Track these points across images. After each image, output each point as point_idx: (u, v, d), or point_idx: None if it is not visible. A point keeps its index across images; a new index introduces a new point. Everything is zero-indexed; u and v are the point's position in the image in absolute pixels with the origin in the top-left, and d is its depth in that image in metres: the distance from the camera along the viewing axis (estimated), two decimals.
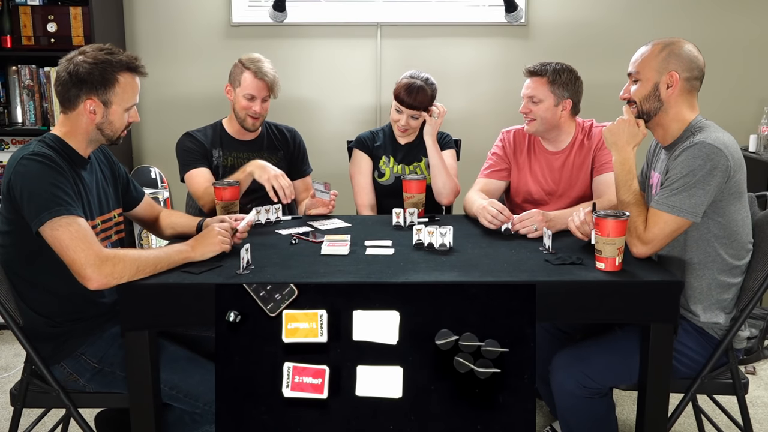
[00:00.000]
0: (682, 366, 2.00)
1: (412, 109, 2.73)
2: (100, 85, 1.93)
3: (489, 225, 2.30)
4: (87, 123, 1.96)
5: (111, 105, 1.96)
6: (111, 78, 1.94)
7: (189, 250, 1.95)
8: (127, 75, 1.97)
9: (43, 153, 1.86)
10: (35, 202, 1.80)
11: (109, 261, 1.78)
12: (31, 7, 3.40)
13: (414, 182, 2.56)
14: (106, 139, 2.01)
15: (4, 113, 3.55)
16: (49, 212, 1.78)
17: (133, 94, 2.00)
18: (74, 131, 1.97)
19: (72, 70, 1.92)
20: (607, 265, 1.88)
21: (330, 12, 3.86)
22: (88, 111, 1.94)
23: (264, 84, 2.69)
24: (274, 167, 2.55)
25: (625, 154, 2.06)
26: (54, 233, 1.78)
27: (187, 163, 2.72)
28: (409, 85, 2.72)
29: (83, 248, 1.77)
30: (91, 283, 1.77)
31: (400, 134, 2.83)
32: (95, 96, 1.93)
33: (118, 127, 2.00)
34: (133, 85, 1.99)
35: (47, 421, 2.40)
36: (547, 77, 2.47)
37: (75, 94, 1.93)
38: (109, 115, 1.97)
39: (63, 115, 1.98)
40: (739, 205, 1.97)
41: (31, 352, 1.92)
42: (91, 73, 1.92)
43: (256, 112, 2.70)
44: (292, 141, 2.89)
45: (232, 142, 2.79)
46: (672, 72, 1.99)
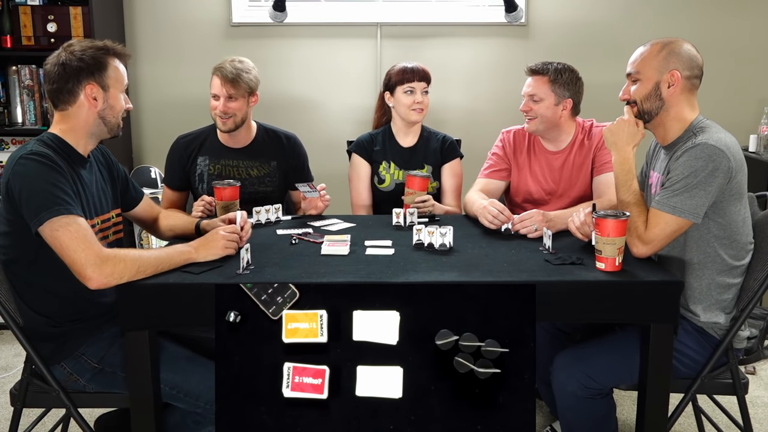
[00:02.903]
0: (682, 366, 2.00)
1: (422, 80, 2.76)
2: (95, 70, 1.94)
3: (489, 225, 2.29)
4: (88, 114, 1.96)
5: (109, 89, 1.97)
6: (102, 61, 1.96)
7: (191, 251, 1.94)
8: (114, 59, 2.00)
9: (41, 152, 1.85)
10: (34, 202, 1.79)
11: (110, 261, 1.78)
12: (31, 7, 3.40)
13: (418, 179, 2.55)
14: (108, 128, 2.01)
15: (4, 113, 3.55)
16: (48, 212, 1.77)
17: (124, 77, 2.03)
18: (73, 127, 1.96)
19: (64, 62, 1.93)
20: (607, 265, 1.88)
21: (330, 12, 3.86)
22: (90, 98, 1.94)
23: (222, 81, 2.62)
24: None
25: (625, 154, 2.06)
26: (54, 233, 1.78)
27: (166, 176, 2.80)
28: (405, 65, 2.78)
29: (83, 248, 1.77)
30: (91, 282, 1.77)
31: (417, 117, 2.77)
32: (93, 80, 1.94)
33: (118, 110, 2.01)
34: (121, 70, 2.02)
35: (47, 421, 2.40)
36: (548, 76, 2.47)
37: (73, 84, 1.93)
38: (109, 99, 1.97)
39: (60, 113, 1.97)
40: (739, 206, 1.97)
41: (31, 352, 1.92)
42: (83, 60, 1.93)
43: (222, 111, 2.63)
44: (290, 150, 2.80)
45: (221, 149, 2.74)
46: (673, 71, 1.99)
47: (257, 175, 2.75)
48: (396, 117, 2.84)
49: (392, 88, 2.79)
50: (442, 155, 2.85)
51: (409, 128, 2.85)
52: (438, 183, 2.85)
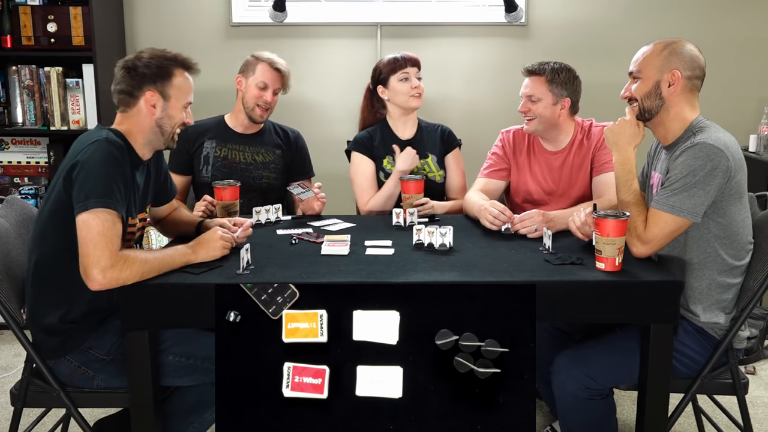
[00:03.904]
0: (682, 366, 2.00)
1: (414, 66, 2.78)
2: (158, 78, 1.98)
3: (490, 226, 2.30)
4: (146, 119, 1.99)
5: (170, 99, 2.00)
6: (167, 71, 1.99)
7: (190, 253, 1.95)
8: (182, 71, 2.03)
9: (116, 143, 1.89)
10: (89, 185, 1.80)
11: (117, 265, 1.77)
12: (31, 7, 3.40)
13: (412, 183, 2.55)
14: (164, 138, 2.03)
15: (4, 113, 3.55)
16: (96, 200, 1.79)
17: (189, 91, 2.05)
18: (133, 129, 2.00)
19: (130, 65, 1.98)
20: (607, 265, 1.88)
21: (330, 12, 3.86)
22: (149, 104, 1.97)
23: (278, 75, 2.72)
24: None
25: (626, 154, 2.06)
26: (88, 220, 1.78)
27: (170, 161, 2.76)
28: (392, 56, 2.81)
29: (102, 247, 1.77)
30: (93, 284, 1.77)
31: (416, 103, 2.78)
32: (154, 87, 1.97)
33: (177, 121, 2.03)
34: (188, 83, 2.05)
35: (47, 421, 2.40)
36: (545, 76, 2.47)
37: (136, 87, 1.97)
38: (168, 109, 2.00)
39: (121, 114, 2.01)
40: (739, 206, 1.97)
41: (31, 350, 1.92)
42: (149, 66, 1.98)
43: (266, 102, 2.71)
44: (294, 143, 2.88)
45: (230, 134, 2.79)
46: (674, 70, 1.99)
47: (262, 161, 2.78)
48: (393, 109, 2.83)
49: (385, 81, 2.78)
50: (444, 145, 2.87)
51: (408, 118, 2.84)
52: (444, 171, 2.85)
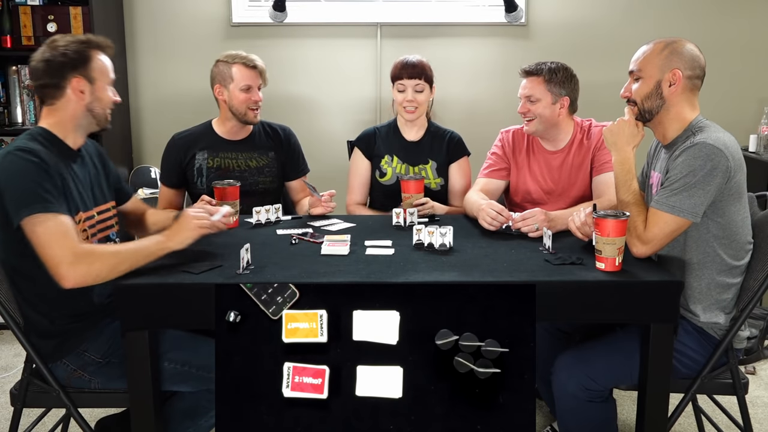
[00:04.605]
0: (682, 366, 2.00)
1: (412, 78, 2.73)
2: (79, 63, 1.96)
3: (489, 227, 2.29)
4: (76, 106, 1.97)
5: (95, 81, 1.99)
6: (86, 55, 1.98)
7: (165, 240, 1.93)
8: (98, 52, 2.01)
9: (27, 148, 1.86)
10: (15, 199, 1.80)
11: (85, 259, 1.77)
12: (31, 7, 3.41)
13: (413, 182, 2.54)
14: (96, 121, 2.02)
15: (4, 113, 3.55)
16: (27, 209, 1.79)
17: (109, 70, 2.04)
18: (61, 120, 1.98)
19: (48, 57, 1.95)
20: (607, 265, 1.88)
21: (330, 12, 3.86)
22: (77, 91, 1.96)
23: (256, 72, 2.70)
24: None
25: (625, 154, 2.06)
26: (33, 229, 1.78)
27: (162, 174, 2.80)
28: (404, 60, 2.77)
29: (59, 245, 1.77)
30: (65, 281, 1.77)
31: (409, 117, 2.76)
32: (78, 73, 1.96)
33: (106, 102, 2.02)
34: (107, 62, 2.03)
35: (47, 421, 2.40)
36: (543, 76, 2.47)
37: (60, 77, 1.94)
38: (96, 92, 1.99)
39: (48, 108, 1.99)
40: (738, 206, 1.97)
41: (31, 351, 1.92)
42: (66, 54, 1.95)
43: (256, 102, 2.69)
44: (286, 141, 2.84)
45: (220, 142, 2.76)
46: (675, 70, 1.99)
47: (256, 166, 2.76)
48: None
49: (392, 82, 2.79)
50: (448, 153, 2.83)
51: (414, 122, 2.83)
52: (443, 180, 2.84)
